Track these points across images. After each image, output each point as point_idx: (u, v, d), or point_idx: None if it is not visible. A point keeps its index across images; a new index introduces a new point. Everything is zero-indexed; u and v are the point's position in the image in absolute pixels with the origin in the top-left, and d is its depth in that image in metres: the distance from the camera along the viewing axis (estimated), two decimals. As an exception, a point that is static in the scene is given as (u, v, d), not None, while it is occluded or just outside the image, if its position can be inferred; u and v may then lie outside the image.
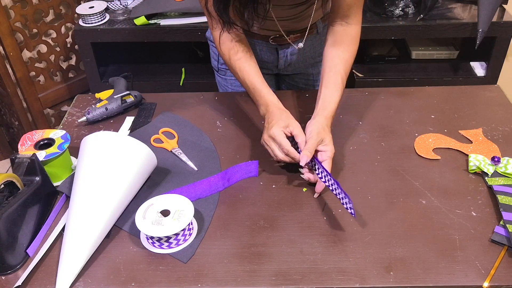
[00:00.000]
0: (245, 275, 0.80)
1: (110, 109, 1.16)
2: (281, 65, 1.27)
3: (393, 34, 1.82)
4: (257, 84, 1.04)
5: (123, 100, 1.17)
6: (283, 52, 1.23)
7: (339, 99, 1.01)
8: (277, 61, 1.26)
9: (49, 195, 0.94)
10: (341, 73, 1.03)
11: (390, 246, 0.84)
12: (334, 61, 1.04)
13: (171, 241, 0.83)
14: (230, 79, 1.34)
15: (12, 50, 1.89)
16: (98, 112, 1.15)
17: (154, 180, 0.99)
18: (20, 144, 0.98)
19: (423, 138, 1.08)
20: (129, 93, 1.19)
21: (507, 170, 0.96)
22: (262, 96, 1.03)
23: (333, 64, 1.04)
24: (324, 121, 0.97)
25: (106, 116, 1.16)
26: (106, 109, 1.15)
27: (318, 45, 1.26)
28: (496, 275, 0.79)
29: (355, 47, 1.07)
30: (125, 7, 1.93)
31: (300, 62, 1.27)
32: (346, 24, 1.06)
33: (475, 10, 1.86)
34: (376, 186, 0.97)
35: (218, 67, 1.35)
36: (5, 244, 0.80)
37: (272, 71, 1.32)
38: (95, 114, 1.15)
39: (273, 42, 1.20)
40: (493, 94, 1.23)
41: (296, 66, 1.28)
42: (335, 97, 1.01)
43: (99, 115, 1.15)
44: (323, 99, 1.01)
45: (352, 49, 1.06)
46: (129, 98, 1.19)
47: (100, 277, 0.80)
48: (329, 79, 1.03)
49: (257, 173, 1.00)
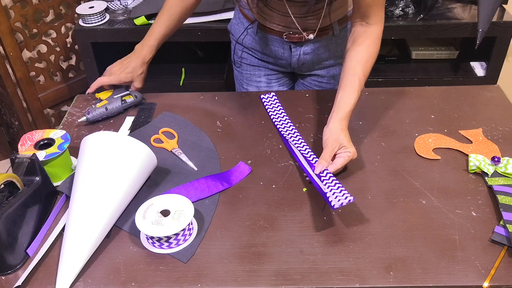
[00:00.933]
0: (245, 275, 0.80)
1: (110, 109, 1.16)
2: (294, 63, 1.28)
3: (393, 34, 1.82)
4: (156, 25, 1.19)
5: (123, 100, 1.17)
6: (296, 50, 1.24)
7: (354, 101, 1.00)
8: (290, 58, 1.27)
9: (49, 195, 0.94)
10: (359, 75, 1.02)
11: (390, 246, 0.84)
12: (352, 63, 1.03)
13: (171, 241, 0.83)
14: (246, 73, 1.36)
15: (12, 50, 1.89)
16: (98, 112, 1.15)
17: (154, 180, 0.99)
18: (20, 144, 0.98)
19: (423, 138, 1.08)
20: (129, 93, 1.19)
21: (507, 170, 0.96)
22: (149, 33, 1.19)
23: (351, 66, 1.03)
24: (339, 125, 0.97)
25: (106, 116, 1.16)
26: (106, 109, 1.15)
27: (333, 48, 1.25)
28: (496, 275, 0.79)
29: (376, 48, 1.06)
30: (125, 7, 1.93)
31: (314, 62, 1.27)
32: (367, 24, 1.05)
33: (475, 10, 1.86)
34: (376, 186, 0.97)
35: (235, 60, 1.37)
36: (5, 244, 0.80)
37: (287, 69, 1.33)
38: (95, 114, 1.15)
39: (287, 39, 1.21)
40: (493, 94, 1.23)
41: (309, 66, 1.29)
42: (350, 99, 1.00)
43: (99, 115, 1.15)
44: (338, 101, 1.01)
45: (372, 51, 1.05)
46: (129, 98, 1.19)
47: (100, 277, 0.80)
48: (346, 81, 1.02)
49: (249, 169, 1.01)
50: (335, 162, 0.94)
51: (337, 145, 0.94)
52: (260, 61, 1.31)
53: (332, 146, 0.94)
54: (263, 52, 1.29)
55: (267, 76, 1.34)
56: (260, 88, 1.35)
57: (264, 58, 1.31)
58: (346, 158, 0.94)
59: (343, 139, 0.95)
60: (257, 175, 1.00)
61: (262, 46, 1.27)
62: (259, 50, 1.29)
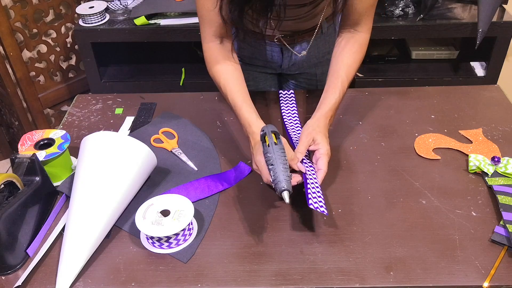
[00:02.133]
0: (245, 275, 0.80)
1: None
2: (285, 65, 1.27)
3: (393, 34, 1.82)
4: (238, 101, 1.00)
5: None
6: (288, 52, 1.23)
7: (336, 101, 1.01)
8: (281, 61, 1.26)
9: (49, 195, 0.94)
10: (342, 77, 1.02)
11: (390, 246, 0.84)
12: (337, 66, 1.04)
13: (171, 241, 0.83)
14: None
15: (12, 50, 1.89)
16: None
17: (154, 180, 0.99)
18: (20, 144, 0.98)
19: (423, 138, 1.08)
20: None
21: (507, 170, 0.96)
22: (243, 116, 0.99)
23: (336, 69, 1.04)
24: (315, 122, 0.97)
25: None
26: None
27: (322, 45, 1.25)
28: (496, 275, 0.79)
29: (362, 54, 1.06)
30: (125, 7, 1.92)
31: (304, 62, 1.27)
32: (355, 31, 1.06)
33: (475, 10, 1.86)
34: (376, 186, 0.97)
35: None
36: (5, 244, 0.80)
37: (276, 71, 1.32)
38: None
39: (278, 42, 1.20)
40: (493, 94, 1.23)
41: (300, 66, 1.28)
42: (331, 99, 1.01)
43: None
44: (321, 101, 1.02)
45: (357, 56, 1.06)
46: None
47: (100, 277, 0.80)
48: (329, 83, 1.03)
49: (249, 169, 1.01)
50: (319, 167, 0.92)
51: (311, 138, 0.94)
52: (248, 65, 1.30)
53: (305, 141, 0.94)
54: (252, 56, 1.27)
55: (255, 79, 1.33)
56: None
57: (253, 62, 1.29)
58: (324, 158, 0.92)
59: (316, 134, 0.95)
60: (257, 175, 1.00)
61: (251, 51, 1.26)
62: (248, 55, 1.27)
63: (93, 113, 1.20)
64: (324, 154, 0.93)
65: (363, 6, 1.02)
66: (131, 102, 1.24)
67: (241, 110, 0.99)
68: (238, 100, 1.00)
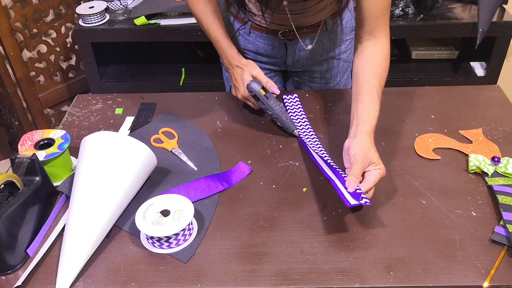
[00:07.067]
0: (245, 275, 0.80)
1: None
2: (290, 61, 1.27)
3: (393, 34, 1.82)
4: (220, 36, 1.16)
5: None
6: (292, 48, 1.23)
7: (377, 114, 0.96)
8: (285, 57, 1.26)
9: (49, 195, 0.94)
10: (376, 87, 0.98)
11: (390, 246, 0.84)
12: (366, 76, 1.00)
13: (171, 241, 0.84)
14: None
15: (12, 50, 1.89)
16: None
17: (154, 180, 0.99)
18: (20, 144, 0.98)
19: (423, 138, 1.08)
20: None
21: (507, 170, 0.96)
22: (225, 50, 1.16)
23: (366, 78, 1.00)
24: (368, 139, 0.92)
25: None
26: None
27: (326, 42, 1.25)
28: (496, 275, 0.79)
29: (387, 62, 1.03)
30: (125, 7, 1.93)
31: (308, 59, 1.27)
32: (374, 38, 1.03)
33: (475, 10, 1.86)
34: (376, 186, 0.96)
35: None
36: (5, 244, 0.80)
37: (280, 67, 1.32)
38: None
39: (282, 37, 1.20)
40: (493, 94, 1.23)
41: (304, 63, 1.28)
42: (373, 111, 0.95)
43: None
44: (360, 114, 0.96)
45: (385, 65, 1.03)
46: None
47: (100, 277, 0.80)
48: (364, 93, 0.98)
49: (249, 169, 1.01)
50: (367, 180, 0.88)
51: (367, 162, 0.89)
52: (252, 61, 1.30)
53: (362, 163, 0.88)
54: (256, 52, 1.27)
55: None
56: None
57: (257, 58, 1.29)
58: (378, 176, 0.88)
59: (374, 155, 0.90)
60: (257, 175, 1.00)
61: (255, 46, 1.26)
62: (252, 50, 1.27)
63: (93, 113, 1.20)
64: (382, 174, 0.89)
65: (377, 8, 1.00)
66: (131, 102, 1.24)
67: (222, 43, 1.16)
68: (218, 34, 1.16)
